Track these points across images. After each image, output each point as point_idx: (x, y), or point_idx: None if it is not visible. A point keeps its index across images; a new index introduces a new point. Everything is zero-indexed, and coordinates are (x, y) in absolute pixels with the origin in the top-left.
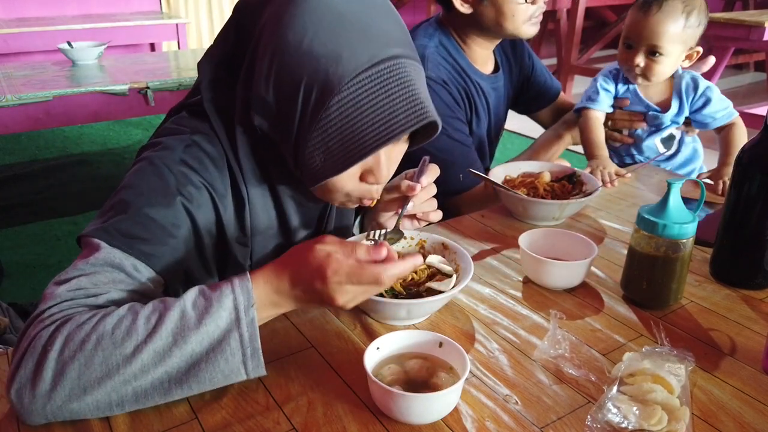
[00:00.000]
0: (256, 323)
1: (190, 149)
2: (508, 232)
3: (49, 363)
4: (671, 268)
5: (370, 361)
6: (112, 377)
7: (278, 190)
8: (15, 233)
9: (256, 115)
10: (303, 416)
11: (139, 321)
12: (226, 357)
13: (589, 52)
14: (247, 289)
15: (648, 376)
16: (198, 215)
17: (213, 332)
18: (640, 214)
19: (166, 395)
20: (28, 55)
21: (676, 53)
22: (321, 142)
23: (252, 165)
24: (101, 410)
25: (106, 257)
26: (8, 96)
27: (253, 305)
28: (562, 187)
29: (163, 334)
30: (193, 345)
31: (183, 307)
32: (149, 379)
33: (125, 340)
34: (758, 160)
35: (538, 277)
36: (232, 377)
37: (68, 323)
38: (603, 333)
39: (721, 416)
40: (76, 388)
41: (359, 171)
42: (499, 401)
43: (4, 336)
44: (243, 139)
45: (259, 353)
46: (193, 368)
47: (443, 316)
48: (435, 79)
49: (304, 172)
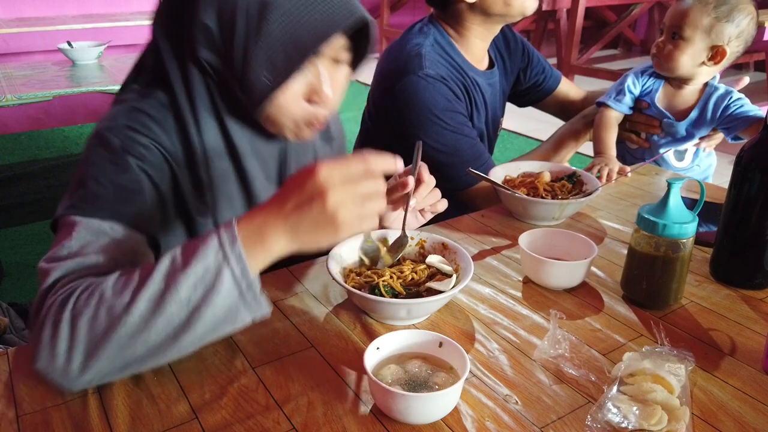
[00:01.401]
0: (244, 258)
1: (132, 114)
2: (508, 232)
3: (63, 325)
4: (671, 268)
5: (370, 361)
6: (116, 330)
7: (233, 135)
8: (15, 233)
9: (203, 49)
10: (303, 416)
11: (135, 272)
12: (222, 295)
13: (589, 52)
14: (231, 226)
15: (648, 376)
16: (153, 174)
17: (203, 274)
18: (640, 214)
19: (176, 342)
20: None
21: (698, 44)
22: (265, 56)
23: (207, 111)
24: (119, 368)
25: (85, 228)
26: (8, 96)
27: (238, 241)
28: (562, 187)
29: (156, 279)
30: (187, 290)
31: (173, 254)
32: (153, 330)
33: (124, 289)
34: (758, 160)
35: (538, 277)
36: (235, 314)
37: (77, 289)
38: (603, 333)
39: (721, 416)
40: (89, 344)
41: (304, 90)
42: (499, 401)
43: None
44: (197, 81)
45: (254, 287)
46: (194, 312)
47: (443, 316)
48: (434, 76)
49: (253, 95)
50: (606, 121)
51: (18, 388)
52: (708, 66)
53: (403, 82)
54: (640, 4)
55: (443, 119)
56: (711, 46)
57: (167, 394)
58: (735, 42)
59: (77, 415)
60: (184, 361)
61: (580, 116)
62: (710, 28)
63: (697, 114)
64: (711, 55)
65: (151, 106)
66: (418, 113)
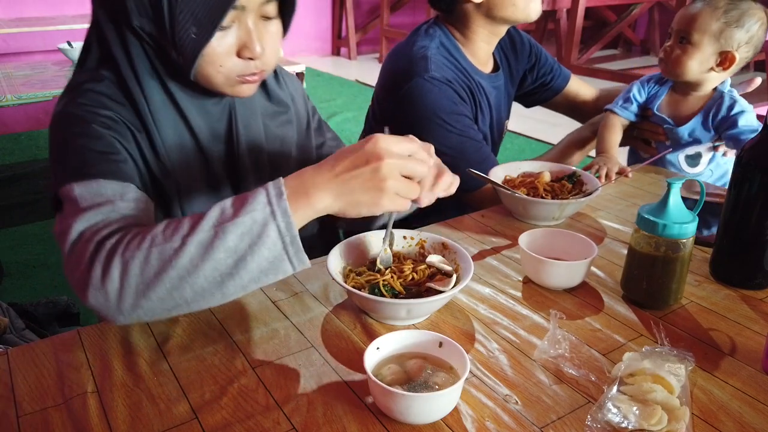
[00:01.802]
0: (290, 213)
1: (85, 95)
2: (508, 232)
3: (114, 264)
4: (671, 268)
5: (370, 361)
6: (167, 271)
7: (176, 97)
8: (15, 233)
9: (136, 17)
10: (303, 416)
11: (184, 220)
12: (268, 246)
13: (589, 52)
14: (278, 184)
15: (648, 376)
16: (120, 140)
17: (250, 226)
18: (640, 214)
19: (222, 289)
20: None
21: (707, 49)
22: (189, 13)
23: (149, 76)
24: (168, 308)
25: (85, 188)
26: (8, 96)
27: (284, 197)
28: (562, 187)
29: (205, 227)
30: (234, 239)
31: (222, 205)
32: (201, 275)
33: (174, 234)
34: (758, 160)
35: (538, 276)
36: (277, 266)
37: (126, 234)
38: (603, 333)
39: (721, 416)
40: (141, 284)
41: (234, 44)
42: (499, 401)
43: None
44: (135, 48)
45: (297, 241)
46: (240, 262)
47: (443, 316)
48: (440, 79)
49: (185, 54)
50: (610, 123)
51: (18, 388)
52: (716, 72)
53: (409, 85)
54: (640, 4)
55: (449, 122)
56: (720, 52)
57: (167, 394)
58: (744, 48)
59: (77, 415)
60: (184, 361)
61: (587, 124)
62: (719, 33)
63: (700, 120)
64: (719, 61)
65: (103, 86)
66: (423, 116)
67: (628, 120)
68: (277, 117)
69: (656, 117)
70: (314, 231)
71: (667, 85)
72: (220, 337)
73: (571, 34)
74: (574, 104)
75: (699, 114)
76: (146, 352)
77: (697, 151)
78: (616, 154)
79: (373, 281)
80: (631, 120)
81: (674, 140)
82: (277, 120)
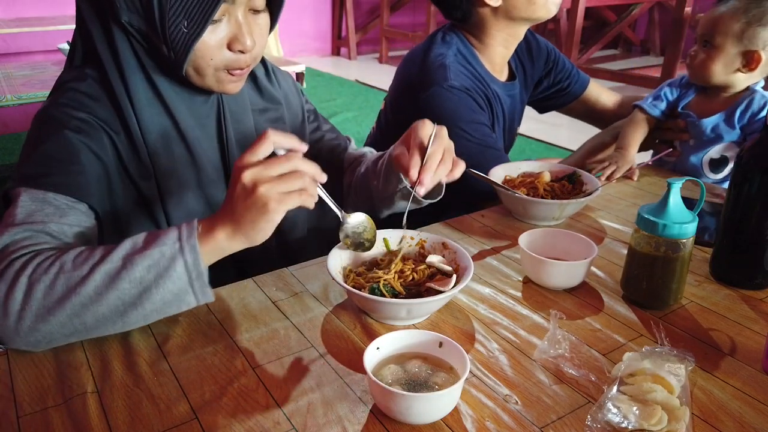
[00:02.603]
0: (197, 249)
1: (66, 94)
2: (508, 232)
3: (20, 285)
4: (671, 268)
5: (370, 361)
6: (70, 298)
7: (164, 93)
8: None
9: (125, 12)
10: (303, 416)
11: (97, 249)
12: (173, 280)
13: (589, 52)
14: (191, 224)
15: (648, 376)
16: (92, 145)
17: (158, 259)
18: (640, 214)
19: (123, 318)
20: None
21: (730, 51)
22: (180, 7)
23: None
24: (67, 334)
25: (30, 198)
26: (8, 96)
27: (195, 234)
28: (562, 187)
29: (114, 258)
30: (141, 271)
31: (134, 240)
32: (104, 303)
33: (83, 264)
34: (758, 160)
35: (538, 277)
36: (181, 299)
37: (38, 255)
38: (603, 333)
39: (721, 416)
40: (42, 308)
41: (225, 37)
42: (499, 401)
43: None
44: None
45: (203, 276)
46: (145, 292)
47: (443, 316)
48: (459, 87)
49: (176, 48)
50: (636, 118)
51: (18, 388)
52: (743, 73)
53: (428, 93)
54: (640, 4)
55: (468, 131)
56: (744, 52)
57: (167, 394)
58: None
59: (77, 415)
60: (184, 361)
61: (610, 128)
62: (742, 33)
63: (725, 115)
64: (745, 62)
65: (85, 84)
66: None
67: (655, 117)
68: (268, 113)
69: (681, 114)
70: (304, 233)
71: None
72: (220, 337)
73: (571, 34)
74: (593, 110)
75: (725, 110)
76: (146, 352)
77: (723, 155)
78: (633, 153)
79: (374, 280)
80: (657, 117)
81: (695, 135)
82: (267, 116)
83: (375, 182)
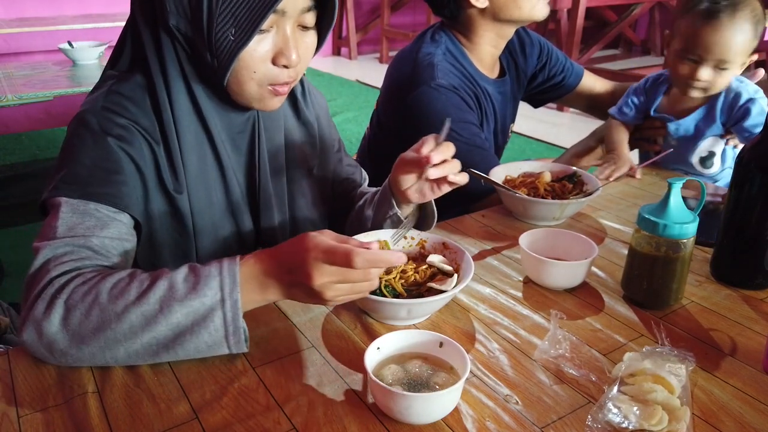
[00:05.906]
0: (239, 304)
1: (110, 96)
2: (508, 232)
3: (57, 308)
4: (672, 268)
5: (371, 361)
6: (104, 331)
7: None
8: (15, 233)
9: (173, 16)
10: (303, 416)
11: (133, 283)
12: (210, 332)
13: (589, 52)
14: (234, 273)
15: (648, 376)
16: (132, 153)
17: (198, 309)
18: (641, 214)
19: (154, 357)
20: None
21: (740, 63)
22: (229, 13)
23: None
24: (96, 362)
25: (71, 209)
26: (9, 96)
27: (237, 289)
28: (562, 187)
29: (151, 300)
30: (179, 317)
31: (172, 280)
32: (138, 342)
33: (118, 298)
34: (758, 160)
35: (538, 277)
36: (215, 349)
37: (77, 277)
38: (603, 333)
39: (721, 416)
40: (76, 335)
41: (270, 50)
42: (500, 401)
43: (4, 336)
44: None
45: (240, 332)
46: (179, 337)
47: (443, 316)
48: (446, 86)
49: (220, 55)
50: (614, 124)
51: (18, 388)
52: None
53: (416, 93)
54: (640, 4)
55: (456, 130)
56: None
57: (167, 394)
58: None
59: (77, 415)
60: (184, 361)
61: (591, 134)
62: (749, 41)
63: (705, 111)
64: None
65: (129, 88)
66: (430, 124)
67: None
68: (300, 134)
69: (657, 118)
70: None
71: (664, 87)
72: None
73: (571, 34)
74: (590, 100)
75: (705, 106)
76: None
77: (709, 151)
78: (626, 152)
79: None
80: (631, 123)
81: (677, 135)
82: (300, 136)
83: (368, 211)
